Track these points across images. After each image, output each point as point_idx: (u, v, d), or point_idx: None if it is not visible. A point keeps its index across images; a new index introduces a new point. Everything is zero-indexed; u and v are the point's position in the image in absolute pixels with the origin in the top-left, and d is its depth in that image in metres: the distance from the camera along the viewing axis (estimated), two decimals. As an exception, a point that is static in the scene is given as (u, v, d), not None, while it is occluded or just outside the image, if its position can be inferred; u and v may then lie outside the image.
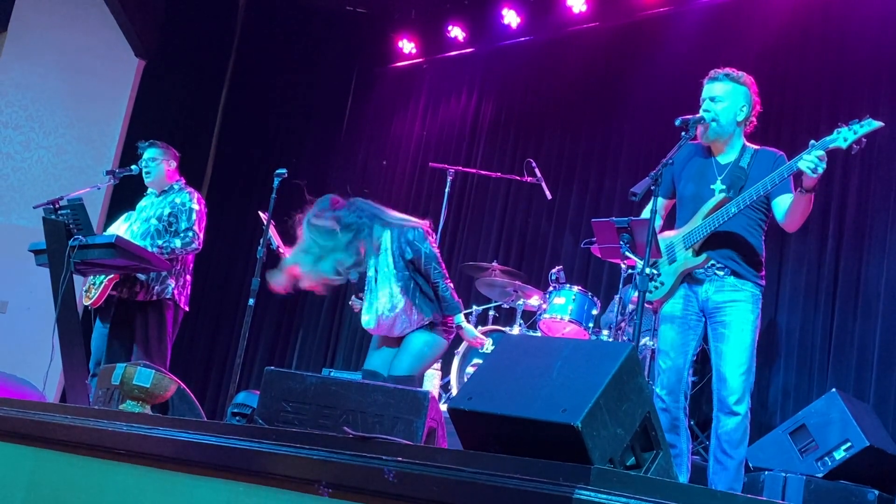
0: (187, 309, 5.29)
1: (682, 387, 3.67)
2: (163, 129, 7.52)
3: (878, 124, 3.32)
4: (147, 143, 5.38)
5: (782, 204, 3.59)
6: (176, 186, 5.33)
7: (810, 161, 3.32)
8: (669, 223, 3.96)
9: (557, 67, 7.51)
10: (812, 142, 3.39)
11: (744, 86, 3.72)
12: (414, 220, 4.30)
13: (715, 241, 3.63)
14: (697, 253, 3.65)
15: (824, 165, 3.33)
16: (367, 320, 4.30)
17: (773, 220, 3.74)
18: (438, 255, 4.26)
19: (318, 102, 9.00)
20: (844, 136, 3.34)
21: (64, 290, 4.47)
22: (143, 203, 5.40)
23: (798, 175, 3.43)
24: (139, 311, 5.08)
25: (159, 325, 5.09)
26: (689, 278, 3.70)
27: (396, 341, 4.27)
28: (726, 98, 3.69)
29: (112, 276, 5.03)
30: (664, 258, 3.76)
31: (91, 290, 5.10)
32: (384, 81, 8.82)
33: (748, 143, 3.76)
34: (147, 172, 5.31)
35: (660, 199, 3.91)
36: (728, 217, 3.57)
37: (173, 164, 5.36)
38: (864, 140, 3.34)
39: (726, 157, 3.74)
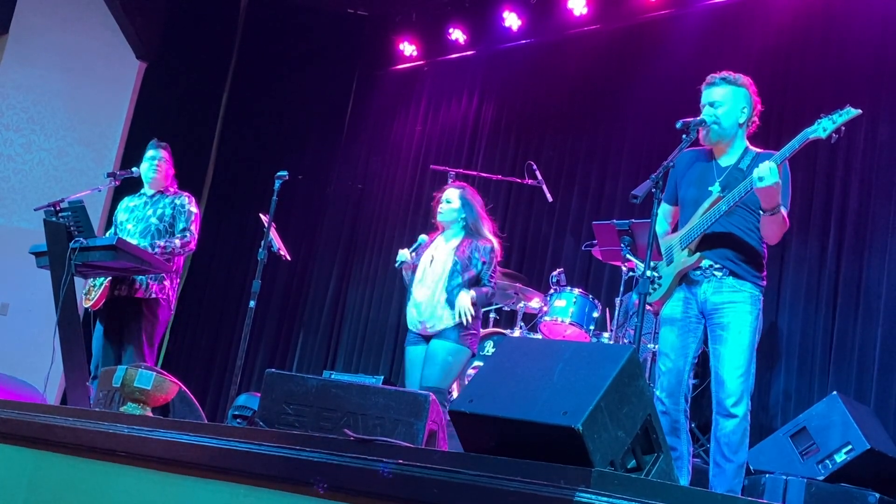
0: (173, 311, 5.38)
1: (682, 389, 3.67)
2: (164, 132, 7.46)
3: (856, 112, 3.33)
4: (162, 144, 5.48)
5: None
6: (171, 190, 5.45)
7: (757, 172, 3.35)
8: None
9: (558, 70, 7.51)
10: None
11: (742, 87, 3.70)
12: None
13: (712, 242, 3.63)
14: (692, 253, 3.66)
15: (769, 181, 3.33)
16: None
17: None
18: None
19: (319, 105, 9.00)
20: (824, 126, 3.34)
21: (65, 293, 4.47)
22: (131, 203, 5.42)
23: None
24: (133, 310, 5.11)
25: (152, 325, 5.14)
26: (686, 279, 3.70)
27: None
28: (726, 101, 3.68)
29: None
30: (663, 260, 3.77)
31: (91, 291, 5.13)
32: (385, 84, 8.83)
33: (751, 146, 3.74)
34: (154, 170, 5.36)
35: (667, 206, 3.92)
36: (719, 214, 3.57)
37: (171, 171, 5.50)
38: (843, 129, 3.34)
39: (727, 160, 3.73)
